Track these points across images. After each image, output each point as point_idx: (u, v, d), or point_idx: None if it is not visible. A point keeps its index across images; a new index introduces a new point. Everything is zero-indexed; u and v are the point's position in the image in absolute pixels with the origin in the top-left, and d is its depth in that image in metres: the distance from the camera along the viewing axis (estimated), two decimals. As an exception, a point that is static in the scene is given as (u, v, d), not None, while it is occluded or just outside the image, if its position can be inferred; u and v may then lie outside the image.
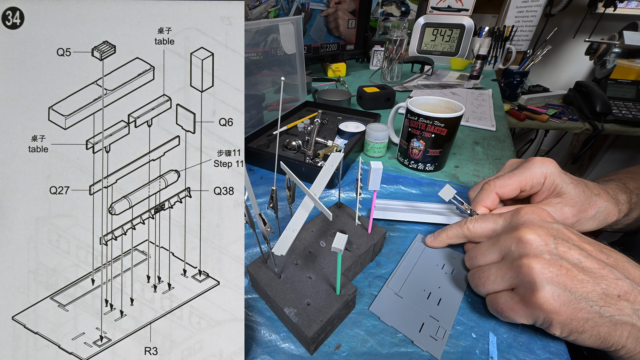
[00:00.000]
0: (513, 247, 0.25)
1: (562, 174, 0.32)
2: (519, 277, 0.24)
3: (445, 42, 1.25)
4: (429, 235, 0.35)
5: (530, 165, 0.33)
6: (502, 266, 0.26)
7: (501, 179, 0.33)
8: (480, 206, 0.34)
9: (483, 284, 0.27)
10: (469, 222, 0.31)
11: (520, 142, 1.77)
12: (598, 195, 0.32)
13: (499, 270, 0.26)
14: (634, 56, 1.23)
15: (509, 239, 0.26)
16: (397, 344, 0.26)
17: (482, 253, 0.28)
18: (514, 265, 0.24)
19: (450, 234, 0.33)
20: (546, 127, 1.13)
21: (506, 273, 0.25)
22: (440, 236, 0.33)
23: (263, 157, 0.50)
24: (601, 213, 0.32)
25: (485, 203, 0.34)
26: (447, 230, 0.33)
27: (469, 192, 0.38)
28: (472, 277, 0.28)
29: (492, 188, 0.34)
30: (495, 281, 0.26)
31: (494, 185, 0.33)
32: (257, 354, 0.25)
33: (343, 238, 0.21)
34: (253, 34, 0.54)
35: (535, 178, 0.32)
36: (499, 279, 0.25)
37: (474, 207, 0.34)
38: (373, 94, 0.75)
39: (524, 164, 0.34)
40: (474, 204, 0.35)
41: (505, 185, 0.33)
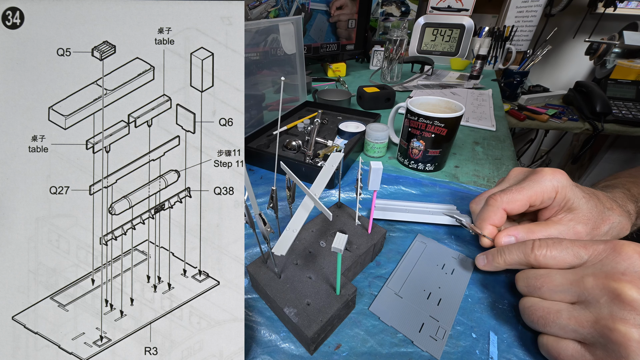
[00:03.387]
0: (604, 300, 0.20)
1: (573, 187, 0.29)
2: (603, 340, 0.20)
3: (445, 42, 1.25)
4: (480, 256, 0.30)
5: (539, 178, 0.29)
6: (579, 316, 0.21)
7: (509, 194, 0.30)
8: (486, 224, 0.31)
9: (545, 324, 0.22)
10: (537, 249, 0.25)
11: (520, 142, 1.77)
12: (611, 210, 0.30)
13: (573, 318, 0.21)
14: (634, 56, 1.23)
15: (599, 288, 0.21)
16: (397, 344, 0.26)
17: (552, 287, 0.23)
18: (601, 324, 0.20)
19: (509, 259, 0.27)
20: (546, 127, 1.13)
21: (584, 327, 0.20)
22: (497, 261, 0.28)
23: (263, 157, 0.50)
24: (614, 228, 0.29)
25: (492, 221, 0.30)
26: (505, 255, 0.28)
27: (471, 204, 0.35)
28: (529, 310, 0.24)
29: (499, 204, 0.30)
30: (565, 329, 0.21)
31: (500, 201, 0.30)
32: (257, 354, 0.25)
33: (343, 238, 0.21)
34: (253, 34, 0.54)
35: (546, 193, 0.29)
36: (570, 328, 0.21)
37: (478, 224, 0.31)
38: (373, 94, 0.75)
39: (532, 176, 0.30)
40: (479, 220, 0.31)
41: (513, 200, 0.30)
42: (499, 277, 0.32)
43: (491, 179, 0.49)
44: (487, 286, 0.31)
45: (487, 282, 0.31)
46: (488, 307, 0.29)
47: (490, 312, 0.28)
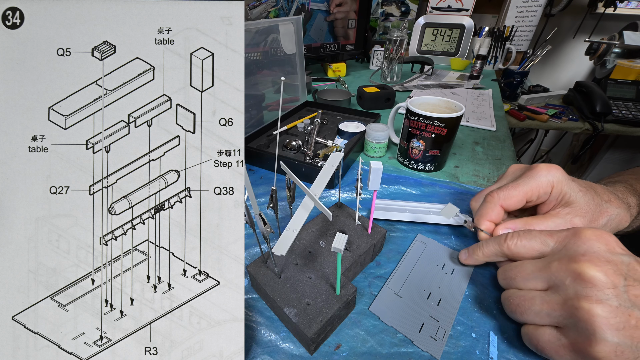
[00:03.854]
0: (568, 281, 0.21)
1: (569, 181, 0.30)
2: (573, 320, 0.20)
3: (445, 42, 1.25)
4: (463, 251, 0.32)
5: (535, 174, 0.30)
6: (550, 299, 0.22)
7: (505, 190, 0.31)
8: (484, 220, 0.31)
9: (522, 312, 0.24)
10: (509, 240, 0.27)
11: (520, 142, 1.77)
12: (609, 202, 0.30)
13: (545, 303, 0.22)
14: (634, 56, 1.23)
15: (563, 271, 0.22)
16: (397, 344, 0.26)
17: (525, 276, 0.25)
18: (568, 304, 0.21)
19: (487, 251, 0.29)
20: (546, 127, 1.13)
21: (555, 309, 0.22)
22: (476, 254, 0.30)
23: (263, 157, 0.50)
24: (613, 221, 0.30)
25: (490, 217, 0.31)
26: (483, 247, 0.30)
27: (471, 201, 0.36)
28: (508, 301, 0.25)
29: (496, 200, 0.31)
30: (539, 314, 0.22)
31: (497, 197, 0.31)
32: (257, 354, 0.25)
33: (343, 238, 0.21)
34: (253, 34, 0.54)
35: (542, 187, 0.30)
36: (544, 313, 0.22)
37: (477, 220, 0.32)
38: (373, 94, 0.75)
39: (528, 172, 0.31)
40: (477, 217, 0.32)
41: (510, 196, 0.30)
42: (499, 277, 0.32)
43: (491, 179, 0.49)
44: (487, 286, 0.31)
45: (487, 282, 0.31)
46: (488, 307, 0.29)
47: (490, 312, 0.28)
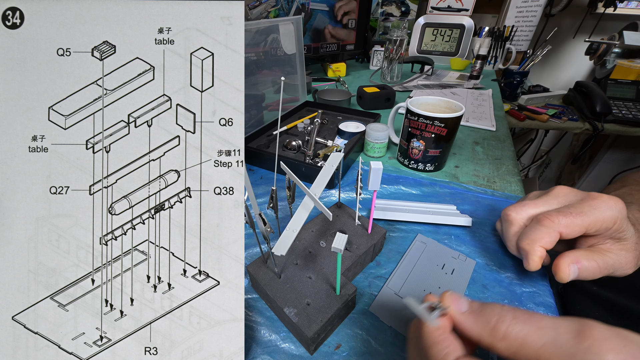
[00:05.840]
0: None
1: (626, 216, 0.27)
2: None
3: (445, 42, 1.25)
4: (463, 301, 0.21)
5: (599, 205, 0.27)
6: None
7: (569, 217, 0.27)
8: (537, 246, 0.28)
9: None
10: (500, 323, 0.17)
11: (520, 142, 1.77)
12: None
13: None
14: (634, 56, 1.23)
15: None
16: (397, 344, 0.26)
17: None
18: None
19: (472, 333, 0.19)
20: (546, 127, 1.13)
21: None
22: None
23: (263, 157, 0.50)
24: None
25: (544, 242, 0.27)
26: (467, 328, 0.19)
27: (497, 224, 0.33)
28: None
29: (556, 226, 0.27)
30: None
31: (558, 223, 0.27)
32: (257, 354, 0.25)
33: (343, 238, 0.21)
34: (253, 34, 0.54)
35: (606, 222, 0.27)
36: None
37: (527, 245, 0.28)
38: (373, 94, 0.75)
39: (590, 201, 0.28)
40: (528, 241, 0.28)
41: (572, 225, 0.27)
42: (499, 277, 0.32)
43: (491, 179, 0.49)
44: (487, 286, 0.31)
45: (487, 282, 0.31)
46: (488, 307, 0.28)
47: None
